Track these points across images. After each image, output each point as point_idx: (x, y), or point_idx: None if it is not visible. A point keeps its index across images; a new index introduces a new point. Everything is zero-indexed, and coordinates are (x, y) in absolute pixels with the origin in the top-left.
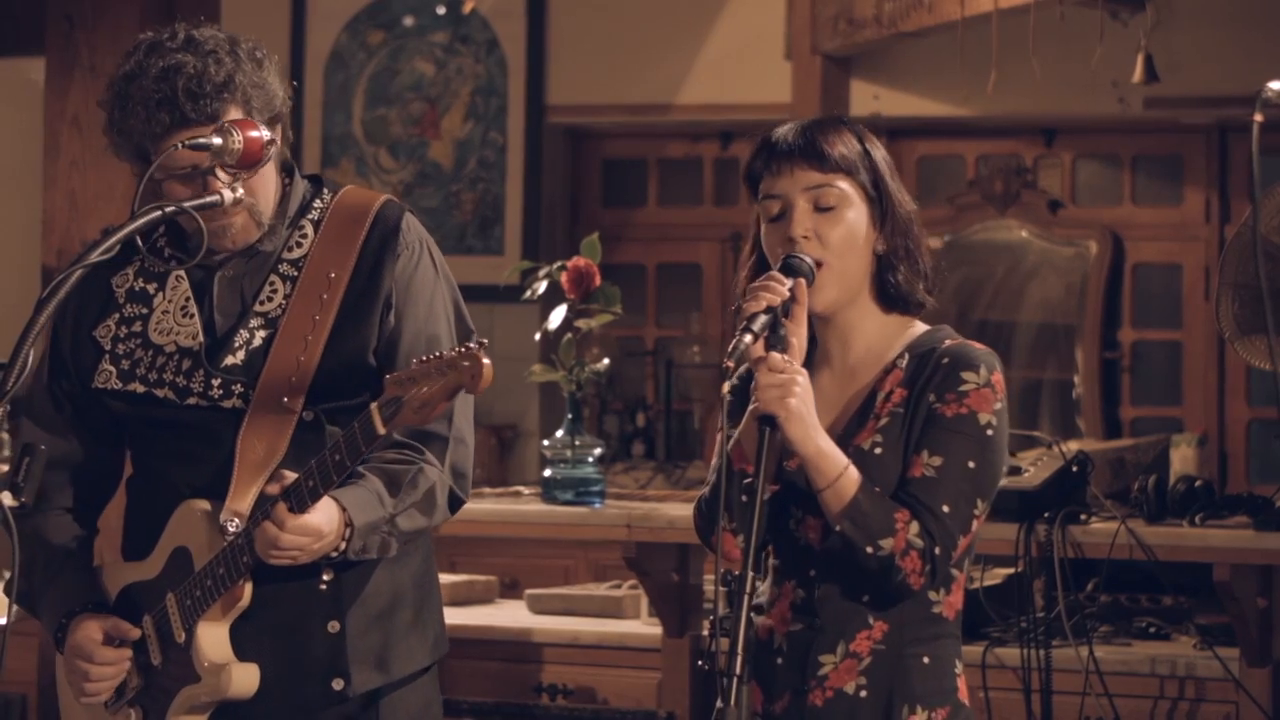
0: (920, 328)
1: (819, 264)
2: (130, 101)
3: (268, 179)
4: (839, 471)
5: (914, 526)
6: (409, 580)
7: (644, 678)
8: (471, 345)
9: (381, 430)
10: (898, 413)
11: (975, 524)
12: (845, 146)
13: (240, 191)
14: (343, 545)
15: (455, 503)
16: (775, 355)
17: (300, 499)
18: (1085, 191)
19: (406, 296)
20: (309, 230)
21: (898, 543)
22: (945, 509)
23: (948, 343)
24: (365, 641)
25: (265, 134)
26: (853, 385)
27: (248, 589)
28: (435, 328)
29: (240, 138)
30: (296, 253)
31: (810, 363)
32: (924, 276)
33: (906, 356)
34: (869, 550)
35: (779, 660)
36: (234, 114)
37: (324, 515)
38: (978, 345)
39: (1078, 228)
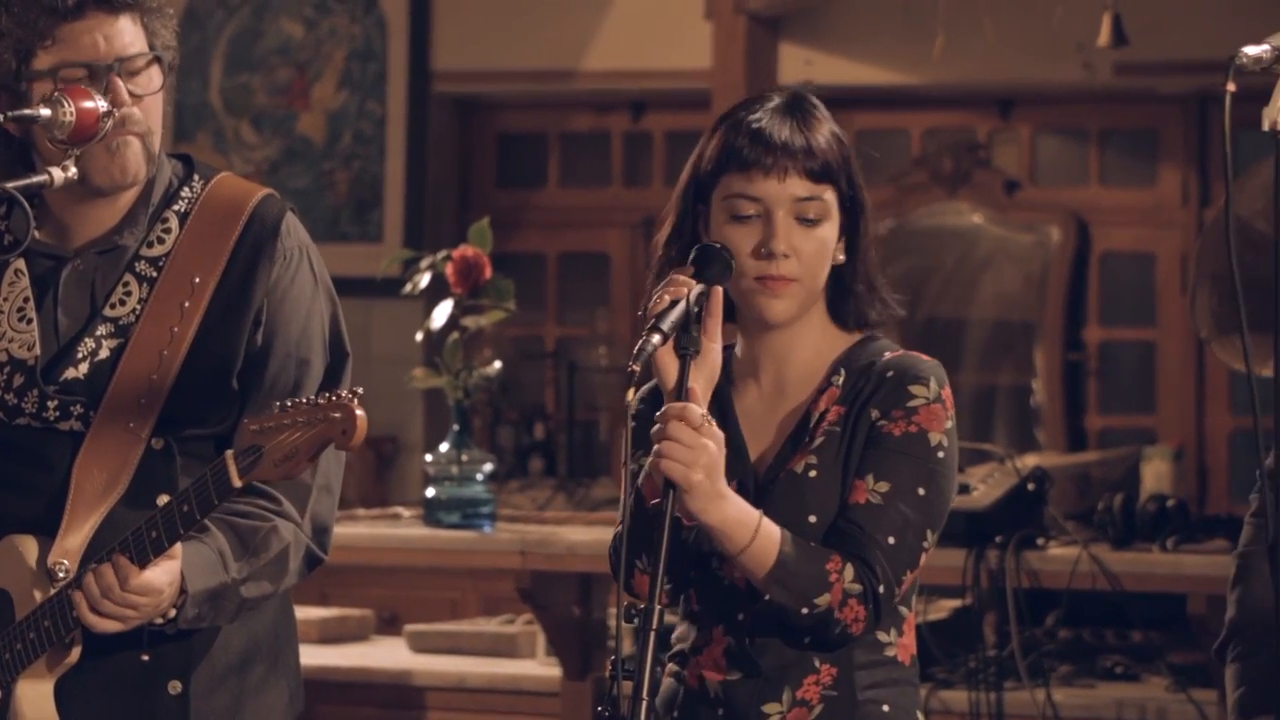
0: (853, 338)
1: (791, 279)
2: None
3: (159, 106)
4: (750, 535)
5: (849, 571)
6: (263, 628)
7: None
8: (344, 394)
9: (237, 483)
10: (834, 431)
11: (923, 558)
12: (829, 145)
13: (73, 171)
14: (172, 613)
15: (313, 563)
16: (693, 410)
17: (141, 550)
18: (1046, 170)
19: (279, 312)
20: (173, 224)
21: (834, 596)
22: (891, 541)
23: (889, 354)
24: (211, 703)
25: (101, 105)
26: (783, 405)
27: (77, 645)
28: (308, 352)
29: (72, 109)
30: (157, 249)
31: (728, 375)
32: (880, 295)
33: (843, 373)
34: (804, 611)
35: (720, 711)
36: (137, 24)
37: (165, 574)
38: (924, 356)
39: (1038, 211)
